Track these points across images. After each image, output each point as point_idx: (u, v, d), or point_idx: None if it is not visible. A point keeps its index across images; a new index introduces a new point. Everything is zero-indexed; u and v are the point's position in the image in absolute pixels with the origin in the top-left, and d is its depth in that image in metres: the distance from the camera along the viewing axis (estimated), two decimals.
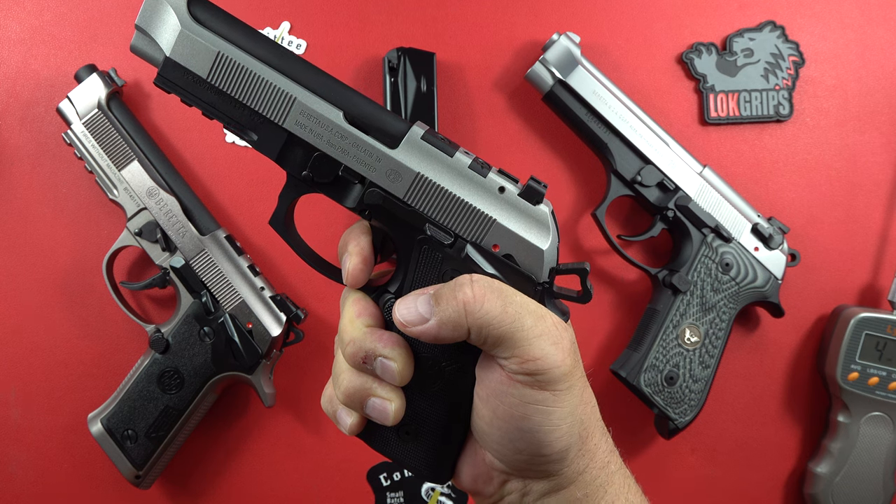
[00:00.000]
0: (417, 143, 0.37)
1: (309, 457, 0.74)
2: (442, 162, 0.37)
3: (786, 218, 0.75)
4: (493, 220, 0.36)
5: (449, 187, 0.37)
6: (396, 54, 0.70)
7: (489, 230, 0.36)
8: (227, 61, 0.37)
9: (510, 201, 0.37)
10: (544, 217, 0.36)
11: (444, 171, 0.37)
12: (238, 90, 0.37)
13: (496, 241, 0.37)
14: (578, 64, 0.69)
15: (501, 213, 0.36)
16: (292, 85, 0.37)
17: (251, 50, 0.37)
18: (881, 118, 0.76)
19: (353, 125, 0.37)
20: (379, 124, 0.37)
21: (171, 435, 0.68)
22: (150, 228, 0.68)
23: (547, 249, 0.36)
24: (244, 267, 0.68)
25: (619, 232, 0.74)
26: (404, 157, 0.37)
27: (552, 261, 0.37)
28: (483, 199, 0.37)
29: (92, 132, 0.68)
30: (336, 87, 0.37)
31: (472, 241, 0.37)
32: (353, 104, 0.37)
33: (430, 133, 0.37)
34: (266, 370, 0.69)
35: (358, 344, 0.38)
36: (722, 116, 0.75)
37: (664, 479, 0.76)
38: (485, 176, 0.37)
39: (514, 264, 0.36)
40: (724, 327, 0.70)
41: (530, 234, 0.36)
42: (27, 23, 0.73)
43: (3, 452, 0.73)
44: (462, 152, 0.37)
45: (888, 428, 0.71)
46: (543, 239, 0.36)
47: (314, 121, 0.37)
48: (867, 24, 0.76)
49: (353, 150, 0.37)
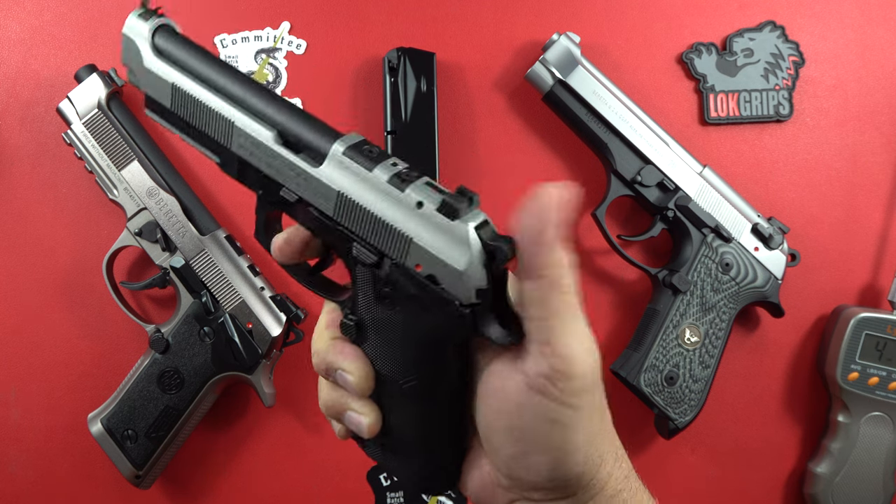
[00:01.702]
0: (339, 158, 0.35)
1: (309, 457, 0.74)
2: (361, 178, 0.35)
3: (786, 218, 0.75)
4: (409, 239, 0.34)
5: (367, 205, 0.35)
6: (396, 54, 0.70)
7: (409, 249, 0.34)
8: (180, 91, 0.38)
9: (428, 217, 0.33)
10: (463, 233, 0.33)
11: (362, 188, 0.35)
12: (193, 117, 0.38)
13: (418, 260, 0.34)
14: (578, 64, 0.69)
15: (419, 231, 0.34)
16: (231, 109, 0.37)
17: (202, 76, 0.38)
18: (881, 118, 0.76)
19: (286, 145, 0.36)
20: (308, 142, 0.36)
21: (171, 435, 0.68)
22: (150, 228, 0.68)
23: (466, 269, 0.32)
24: (244, 267, 0.68)
25: (619, 232, 0.74)
26: (327, 176, 0.35)
27: (478, 281, 0.33)
28: (401, 215, 0.34)
29: (92, 132, 0.68)
30: (275, 107, 0.37)
31: (395, 261, 0.35)
32: (288, 123, 0.36)
33: (354, 147, 0.36)
34: (266, 370, 0.69)
35: (321, 356, 0.38)
36: (722, 116, 0.75)
37: (664, 479, 0.76)
38: (402, 190, 0.34)
39: (437, 286, 0.33)
40: (724, 327, 0.70)
41: (448, 252, 0.33)
42: (27, 23, 0.73)
43: (3, 452, 0.73)
44: (384, 167, 0.35)
45: (888, 428, 0.71)
46: (461, 258, 0.33)
47: (251, 143, 0.37)
48: (867, 24, 0.76)
49: (286, 170, 0.36)
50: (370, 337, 0.37)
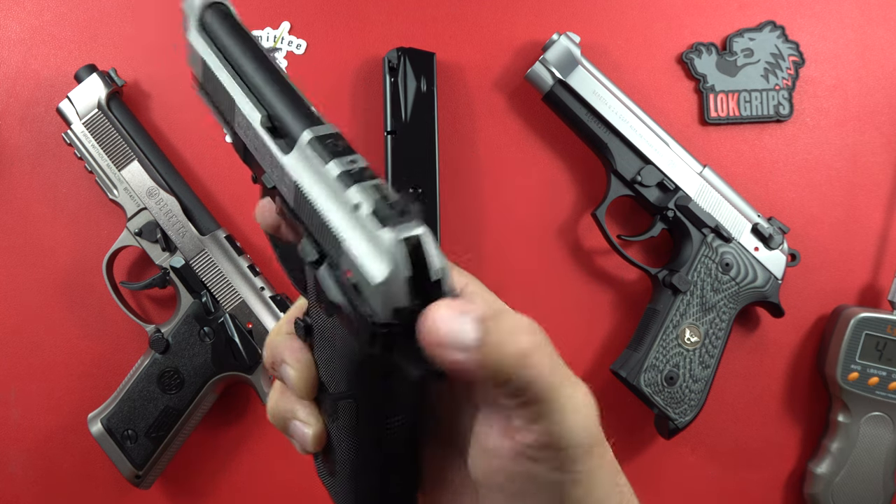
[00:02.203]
0: (303, 148, 0.32)
1: (309, 457, 0.74)
2: (315, 171, 0.32)
3: (786, 218, 0.75)
4: (341, 242, 0.31)
5: (313, 199, 0.32)
6: (396, 54, 0.70)
7: (341, 253, 0.31)
8: (206, 67, 0.37)
9: (361, 221, 0.30)
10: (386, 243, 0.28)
11: (314, 182, 0.32)
12: (216, 95, 0.37)
13: (348, 266, 0.30)
14: (578, 64, 0.69)
15: (349, 234, 0.30)
16: (236, 87, 0.35)
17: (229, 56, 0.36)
18: (881, 118, 0.76)
19: (270, 129, 0.34)
20: (288, 127, 0.34)
21: (171, 435, 0.68)
22: (150, 228, 0.68)
23: (380, 283, 0.28)
24: (244, 267, 0.68)
25: (619, 232, 0.74)
26: (291, 164, 0.33)
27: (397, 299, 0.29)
28: (338, 215, 0.31)
29: (92, 132, 0.68)
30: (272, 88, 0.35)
31: (331, 263, 0.31)
32: (277, 106, 0.34)
33: (321, 139, 0.33)
34: (266, 370, 0.69)
35: (271, 348, 0.36)
36: (722, 116, 0.75)
37: (664, 479, 0.76)
38: (346, 189, 0.30)
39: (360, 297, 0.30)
40: (724, 327, 0.70)
41: (368, 262, 0.29)
42: (27, 23, 0.73)
43: (3, 452, 0.73)
44: (340, 162, 0.31)
45: (888, 428, 0.71)
46: (379, 270, 0.28)
47: (244, 122, 0.35)
48: (867, 24, 0.76)
49: (264, 152, 0.34)
50: (316, 342, 0.35)
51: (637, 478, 0.75)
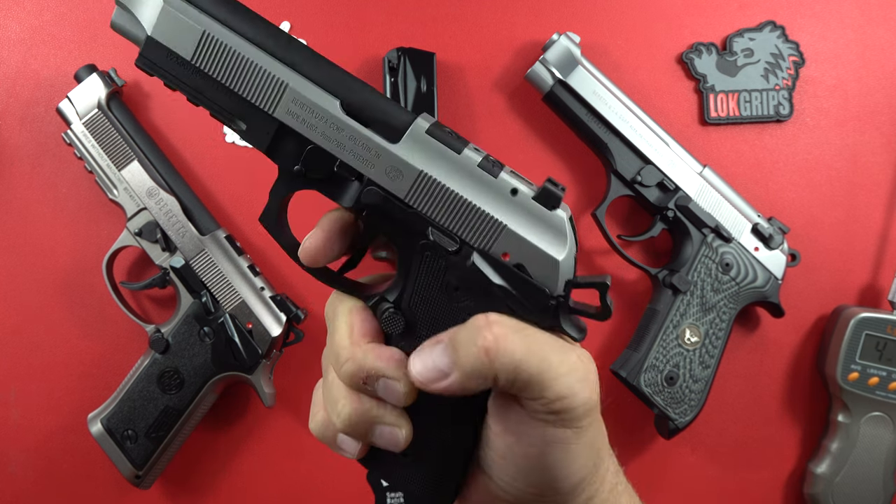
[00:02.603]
0: (422, 137, 0.33)
1: (309, 457, 0.74)
2: (448, 159, 0.33)
3: (786, 218, 0.75)
4: (503, 226, 0.33)
5: (455, 188, 0.33)
6: (396, 54, 0.70)
7: (499, 237, 0.33)
8: (213, 41, 0.33)
9: (523, 205, 0.33)
10: (561, 224, 0.33)
11: (450, 170, 0.33)
12: (225, 74, 0.33)
13: (506, 248, 0.33)
14: (578, 64, 0.69)
15: (513, 219, 0.33)
16: (285, 69, 0.33)
17: (241, 30, 0.33)
18: (881, 118, 0.76)
19: (351, 116, 0.33)
20: (380, 116, 0.33)
21: (171, 435, 0.68)
22: (150, 228, 0.68)
23: (563, 260, 0.33)
24: (244, 267, 0.68)
25: (619, 232, 0.74)
26: (406, 153, 0.33)
27: (569, 272, 0.33)
28: (493, 201, 0.33)
29: (92, 132, 0.68)
30: (335, 74, 0.34)
31: (480, 249, 0.33)
32: (353, 92, 0.34)
33: (436, 126, 0.34)
34: (266, 370, 0.69)
35: (358, 363, 0.34)
36: (722, 116, 0.75)
37: (664, 479, 0.76)
38: (496, 176, 0.33)
39: (526, 275, 0.33)
40: (725, 327, 0.70)
41: (544, 242, 0.33)
42: (27, 23, 0.73)
43: (3, 452, 0.73)
44: (472, 149, 0.34)
45: (888, 428, 0.71)
46: (559, 248, 0.32)
47: (307, 110, 0.33)
48: (867, 24, 0.76)
49: (350, 143, 0.33)
50: (421, 332, 0.35)
51: (637, 478, 0.75)
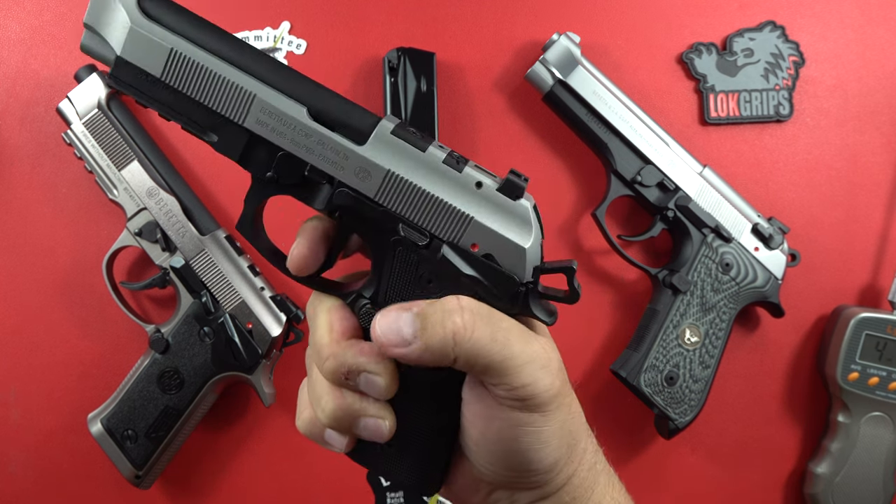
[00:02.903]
0: (387, 138, 0.35)
1: (309, 457, 0.74)
2: (414, 157, 0.35)
3: (786, 218, 0.75)
4: (470, 218, 0.34)
5: (422, 184, 0.34)
6: (396, 54, 0.70)
7: (467, 229, 0.34)
8: (181, 58, 0.35)
9: (488, 197, 0.34)
10: (525, 213, 0.34)
11: (416, 167, 0.35)
12: (194, 89, 0.35)
13: (475, 240, 0.34)
14: (578, 64, 0.69)
15: (479, 210, 0.34)
16: (252, 81, 0.35)
17: (207, 45, 0.35)
18: (881, 118, 0.76)
19: (318, 122, 0.35)
20: (346, 120, 0.35)
21: (171, 435, 0.68)
22: (150, 228, 0.68)
23: (529, 247, 0.34)
24: (244, 267, 0.68)
25: (619, 232, 0.74)
26: (373, 154, 0.35)
27: (535, 259, 0.34)
28: (459, 195, 0.34)
29: (92, 132, 0.68)
30: (300, 82, 0.35)
31: (449, 241, 0.35)
32: (319, 99, 0.35)
33: (400, 127, 0.35)
34: (266, 370, 0.69)
35: (339, 359, 0.35)
36: (722, 116, 0.75)
37: (664, 479, 0.76)
38: (460, 171, 0.34)
39: (495, 264, 0.34)
40: (725, 327, 0.70)
41: (511, 231, 0.34)
42: (27, 23, 0.73)
43: (3, 452, 0.73)
44: (436, 146, 0.35)
45: (888, 428, 0.71)
46: (525, 236, 0.34)
47: (276, 119, 0.35)
48: (867, 24, 0.76)
49: (319, 148, 0.35)
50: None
51: (637, 478, 0.75)
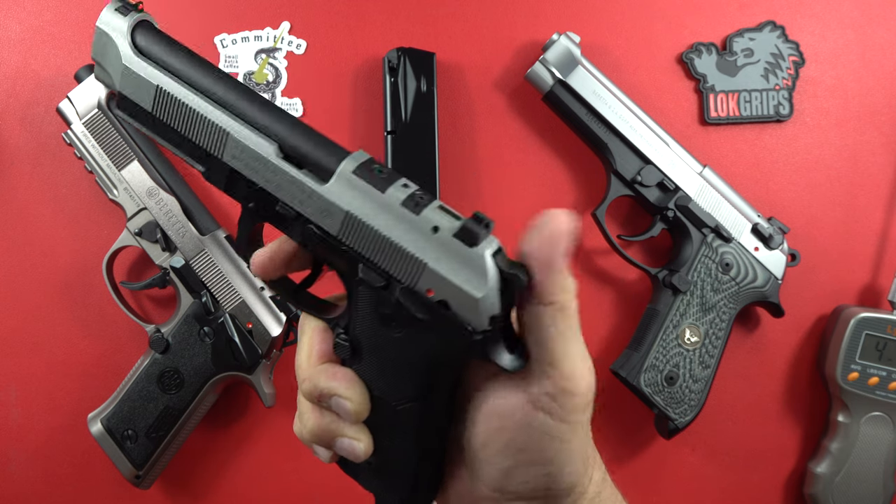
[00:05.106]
0: (348, 177, 0.34)
1: (309, 457, 0.74)
2: (372, 199, 0.34)
3: (786, 218, 0.75)
4: (423, 264, 0.33)
5: (378, 227, 0.33)
6: (396, 54, 0.70)
7: (421, 274, 0.33)
8: (166, 95, 0.36)
9: (443, 243, 0.32)
10: (479, 260, 0.32)
11: (374, 209, 0.34)
12: (179, 123, 0.36)
13: (430, 285, 0.33)
14: (578, 64, 0.69)
15: (433, 256, 0.33)
16: (227, 118, 0.35)
17: (192, 81, 0.36)
18: (881, 118, 0.76)
19: (288, 159, 0.35)
20: (314, 158, 0.35)
21: (171, 435, 0.68)
22: (150, 228, 0.68)
23: (482, 298, 0.32)
24: (244, 267, 0.68)
25: (619, 232, 0.74)
26: (334, 194, 0.34)
27: (492, 308, 0.32)
28: (414, 239, 0.33)
29: (92, 132, 0.68)
30: (275, 117, 0.35)
31: (405, 286, 0.33)
32: (291, 136, 0.35)
33: (365, 166, 0.34)
34: (266, 370, 0.69)
35: (313, 382, 0.36)
36: (722, 116, 0.75)
37: (664, 479, 0.76)
38: (418, 214, 0.33)
39: (450, 312, 0.33)
40: (724, 327, 0.70)
41: (463, 279, 0.32)
42: (27, 23, 0.73)
43: (3, 452, 0.73)
44: (398, 187, 0.34)
45: (888, 428, 0.71)
46: (479, 285, 0.32)
47: (248, 155, 0.35)
48: (867, 24, 0.76)
49: (287, 185, 0.35)
50: (365, 358, 0.36)
51: (637, 478, 0.75)
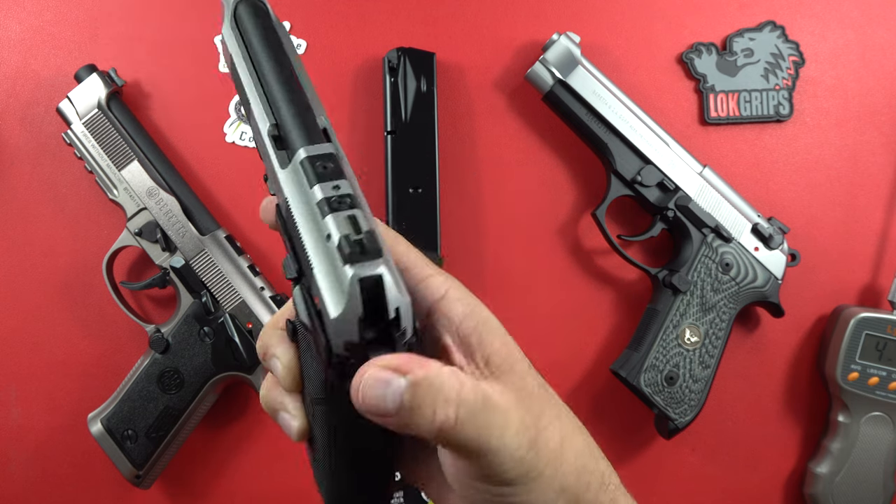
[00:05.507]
0: (296, 166, 0.34)
1: (306, 455, 0.74)
2: (302, 191, 0.33)
3: (786, 218, 0.75)
4: (311, 269, 0.32)
5: (295, 220, 0.33)
6: (396, 54, 0.70)
7: (313, 278, 0.32)
8: (232, 63, 0.38)
9: (329, 253, 0.31)
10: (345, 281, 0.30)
11: (299, 202, 0.33)
12: (238, 88, 0.38)
13: (316, 292, 0.31)
14: (578, 64, 0.69)
15: (320, 263, 0.31)
16: (252, 89, 0.37)
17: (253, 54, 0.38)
18: (881, 118, 0.76)
19: (276, 137, 0.35)
20: (291, 140, 0.35)
21: (171, 435, 0.68)
22: (150, 228, 0.68)
23: (336, 319, 0.30)
24: (244, 267, 0.68)
25: (619, 232, 0.74)
26: (284, 179, 0.34)
27: (348, 334, 0.30)
28: (313, 242, 0.32)
29: (92, 132, 0.68)
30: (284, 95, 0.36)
31: (306, 285, 0.33)
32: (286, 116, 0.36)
33: (313, 158, 0.33)
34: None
35: (264, 339, 0.38)
36: (722, 116, 0.75)
37: (664, 479, 0.76)
38: (323, 217, 0.32)
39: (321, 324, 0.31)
40: (724, 327, 0.70)
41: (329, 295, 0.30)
42: (27, 23, 0.73)
43: (3, 452, 0.73)
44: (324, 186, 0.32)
45: (888, 428, 0.71)
46: (336, 305, 0.30)
47: (256, 127, 0.37)
48: (867, 24, 0.76)
49: (267, 160, 0.36)
50: (300, 344, 0.36)
51: (637, 478, 0.75)
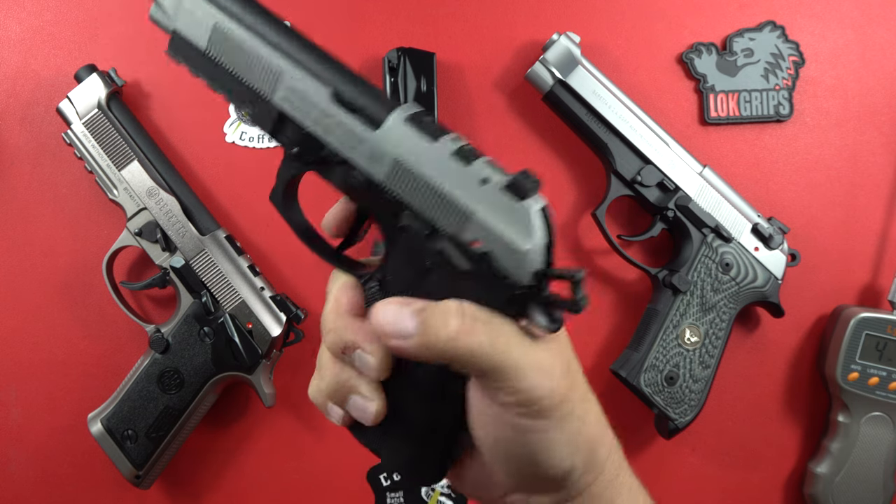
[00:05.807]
0: (400, 125, 0.34)
1: (309, 457, 0.74)
2: (422, 147, 0.34)
3: (786, 218, 0.75)
4: (471, 214, 0.33)
5: (426, 175, 0.34)
6: (396, 54, 0.70)
7: (468, 224, 0.33)
8: (221, 33, 0.37)
9: (492, 194, 0.33)
10: (527, 214, 0.32)
11: (423, 158, 0.34)
12: (231, 63, 0.37)
13: (476, 236, 0.33)
14: (578, 64, 0.69)
15: (481, 207, 0.33)
16: (281, 60, 0.36)
17: (246, 22, 0.36)
18: (881, 118, 0.76)
19: (340, 104, 0.35)
20: (365, 104, 0.35)
21: (171, 435, 0.68)
22: (150, 228, 0.68)
23: (528, 250, 0.32)
24: (244, 267, 0.68)
25: (619, 232, 0.74)
26: (384, 141, 0.34)
27: (537, 263, 0.32)
28: (463, 190, 0.33)
29: (92, 132, 0.68)
30: (328, 64, 0.36)
31: (450, 235, 0.34)
32: (342, 82, 0.36)
33: (416, 116, 0.35)
34: (266, 370, 0.69)
35: (338, 333, 0.36)
36: (722, 116, 0.75)
37: (664, 479, 0.76)
38: (468, 165, 0.33)
39: (494, 263, 0.33)
40: (725, 327, 0.70)
41: (511, 231, 0.32)
42: (27, 23, 0.73)
43: (3, 452, 0.73)
44: (450, 138, 0.34)
45: (888, 428, 0.71)
46: (525, 238, 0.32)
47: (300, 97, 0.36)
48: (867, 24, 0.76)
49: (337, 129, 0.35)
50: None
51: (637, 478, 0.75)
